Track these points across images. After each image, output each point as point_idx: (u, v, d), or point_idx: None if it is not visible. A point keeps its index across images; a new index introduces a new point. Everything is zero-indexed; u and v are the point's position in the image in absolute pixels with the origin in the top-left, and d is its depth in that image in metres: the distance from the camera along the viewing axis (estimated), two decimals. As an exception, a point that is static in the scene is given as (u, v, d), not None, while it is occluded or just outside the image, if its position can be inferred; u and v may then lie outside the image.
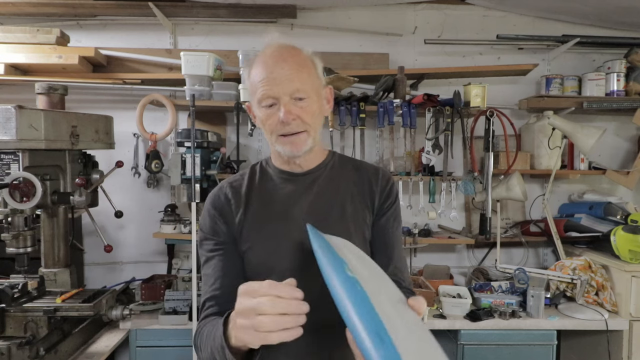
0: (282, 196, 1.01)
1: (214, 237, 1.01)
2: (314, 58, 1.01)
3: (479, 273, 2.53)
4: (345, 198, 1.01)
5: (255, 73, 0.95)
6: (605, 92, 2.56)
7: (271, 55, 0.95)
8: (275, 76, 0.92)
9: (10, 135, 1.67)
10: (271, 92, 0.92)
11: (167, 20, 2.54)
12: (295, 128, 0.94)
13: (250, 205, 1.01)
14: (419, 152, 2.45)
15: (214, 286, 0.97)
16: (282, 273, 0.95)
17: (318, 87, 0.99)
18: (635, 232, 2.12)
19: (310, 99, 0.94)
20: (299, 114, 0.93)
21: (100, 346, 1.87)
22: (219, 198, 1.03)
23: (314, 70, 0.99)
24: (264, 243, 0.98)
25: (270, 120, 0.94)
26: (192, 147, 2.10)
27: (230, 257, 0.99)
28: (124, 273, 2.61)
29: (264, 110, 0.94)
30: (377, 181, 1.04)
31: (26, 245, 1.74)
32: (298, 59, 0.95)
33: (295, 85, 0.92)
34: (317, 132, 0.99)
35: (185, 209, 2.50)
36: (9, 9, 2.38)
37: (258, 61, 0.96)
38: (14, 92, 2.48)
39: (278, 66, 0.92)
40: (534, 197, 2.67)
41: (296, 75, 0.92)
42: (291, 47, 0.99)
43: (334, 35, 2.65)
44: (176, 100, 2.42)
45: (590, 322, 2.08)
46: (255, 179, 1.05)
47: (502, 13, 2.71)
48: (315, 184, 1.02)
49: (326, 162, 1.06)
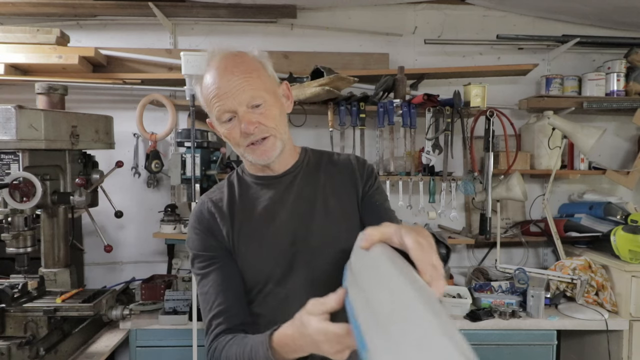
0: (263, 202, 1.00)
1: (205, 252, 0.99)
2: (262, 58, 0.97)
3: (479, 273, 2.53)
4: (327, 191, 1.01)
5: (205, 90, 0.93)
6: (605, 92, 2.56)
7: (217, 67, 0.92)
8: (225, 90, 0.90)
9: (10, 135, 1.67)
10: (226, 106, 0.90)
11: (167, 20, 2.54)
12: (259, 134, 0.92)
13: (236, 218, 0.99)
14: (419, 152, 2.45)
15: (217, 302, 0.95)
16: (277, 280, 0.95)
17: (273, 88, 0.96)
18: (635, 232, 2.12)
19: (267, 102, 0.92)
20: (259, 121, 0.91)
21: (100, 346, 1.87)
22: (202, 214, 1.01)
23: (263, 71, 0.96)
24: (255, 252, 0.97)
25: (233, 133, 0.93)
26: (192, 147, 2.10)
27: (227, 269, 0.97)
28: (124, 273, 2.61)
29: (225, 125, 0.93)
30: (355, 167, 1.05)
31: (26, 245, 1.74)
32: (244, 66, 0.92)
33: (248, 94, 0.90)
34: (283, 133, 0.97)
35: (185, 209, 2.50)
36: (9, 9, 2.38)
37: (206, 77, 0.94)
38: (14, 92, 2.48)
39: (225, 78, 0.90)
40: (534, 197, 2.67)
41: (246, 83, 0.90)
42: (234, 53, 0.95)
43: (334, 35, 2.65)
44: (176, 100, 2.42)
45: (590, 322, 2.08)
46: (235, 191, 1.03)
47: (502, 13, 2.71)
48: (294, 184, 1.01)
49: (300, 160, 1.05)
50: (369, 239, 0.67)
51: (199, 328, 1.98)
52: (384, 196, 1.07)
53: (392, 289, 0.53)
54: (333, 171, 1.05)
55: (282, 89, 1.01)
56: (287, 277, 0.95)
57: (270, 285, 0.96)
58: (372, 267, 0.64)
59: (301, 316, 0.73)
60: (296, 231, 0.97)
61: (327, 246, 0.96)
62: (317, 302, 0.71)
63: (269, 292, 0.96)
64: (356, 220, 1.02)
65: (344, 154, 1.10)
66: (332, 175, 1.04)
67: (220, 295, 0.95)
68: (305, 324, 0.71)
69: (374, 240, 0.67)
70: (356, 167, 1.05)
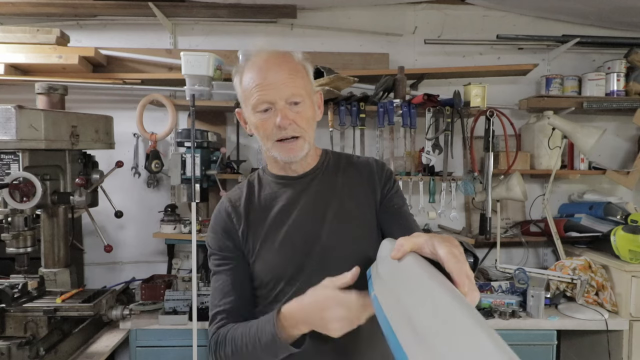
0: (281, 202, 1.02)
1: (220, 252, 1.02)
2: (306, 63, 1.01)
3: (479, 273, 2.53)
4: (344, 193, 1.02)
5: (248, 79, 0.95)
6: (605, 92, 2.56)
7: (266, 60, 0.95)
8: (270, 82, 0.92)
9: (10, 135, 1.67)
10: (267, 97, 0.92)
11: (167, 20, 2.54)
12: (291, 132, 0.94)
13: (251, 217, 1.02)
14: (419, 152, 2.45)
15: (223, 301, 0.99)
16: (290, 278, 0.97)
17: (311, 92, 1.00)
18: (635, 232, 2.12)
19: (304, 103, 0.95)
20: (294, 119, 0.94)
21: (100, 346, 1.87)
22: (220, 215, 1.04)
23: (306, 75, 0.99)
24: (268, 251, 0.99)
25: (265, 125, 0.95)
26: (192, 147, 2.10)
27: (238, 271, 1.01)
28: (124, 273, 2.61)
29: (258, 115, 0.95)
30: (375, 170, 1.07)
31: (26, 245, 1.74)
32: (291, 64, 0.96)
33: (290, 90, 0.93)
34: (312, 137, 1.00)
35: (185, 209, 2.50)
36: (9, 9, 2.38)
37: (251, 67, 0.96)
38: (14, 92, 2.48)
39: (272, 71, 0.93)
40: (534, 197, 2.67)
41: (291, 80, 0.93)
42: (283, 52, 0.99)
43: (334, 35, 2.65)
44: (176, 100, 2.42)
45: (590, 322, 2.08)
46: (254, 190, 1.06)
47: (502, 13, 2.71)
48: (312, 185, 1.03)
49: (321, 162, 1.07)
50: (400, 250, 0.67)
51: (199, 328, 1.98)
52: (402, 200, 1.08)
53: (434, 302, 0.53)
54: (352, 173, 1.07)
55: (317, 98, 1.04)
56: (299, 276, 0.96)
57: (282, 284, 0.97)
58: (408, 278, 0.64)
59: (313, 289, 0.81)
60: (309, 231, 0.98)
61: (341, 246, 0.97)
62: (331, 279, 0.80)
63: (281, 291, 0.98)
64: (373, 222, 1.03)
65: (364, 157, 1.12)
66: (350, 177, 1.06)
67: (228, 295, 0.99)
68: (318, 294, 0.79)
69: (405, 250, 0.67)
70: (375, 170, 1.07)
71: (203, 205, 2.50)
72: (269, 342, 0.84)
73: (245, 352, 0.89)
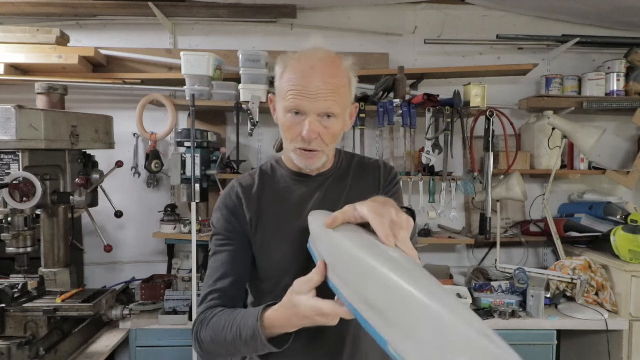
0: (294, 197, 1.03)
1: (225, 232, 1.02)
2: (351, 73, 0.97)
3: (479, 273, 2.53)
4: (353, 193, 1.03)
5: (288, 78, 0.93)
6: (605, 92, 2.56)
7: (312, 67, 0.91)
8: (309, 92, 0.89)
9: (10, 135, 1.67)
10: (300, 105, 0.91)
11: (167, 20, 2.54)
12: (315, 146, 0.94)
13: (263, 207, 1.02)
14: (419, 152, 2.45)
15: (219, 280, 0.98)
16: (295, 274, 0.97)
17: (347, 106, 0.97)
18: (635, 232, 2.12)
19: (336, 118, 0.93)
20: (321, 134, 0.92)
21: (100, 346, 1.87)
22: (230, 197, 1.03)
23: (348, 88, 0.96)
24: (277, 244, 0.99)
25: (292, 129, 0.94)
26: (192, 147, 2.10)
27: (240, 253, 1.00)
28: (124, 273, 2.61)
29: (289, 116, 0.94)
30: (382, 172, 1.09)
31: (26, 245, 1.74)
32: (337, 78, 0.92)
33: (327, 105, 0.91)
34: (332, 150, 1.01)
35: (185, 209, 2.50)
36: (9, 9, 2.38)
37: (295, 68, 0.93)
38: (14, 92, 2.48)
39: (315, 80, 0.89)
40: (534, 197, 2.67)
41: (331, 95, 0.90)
42: (333, 58, 0.95)
43: (334, 35, 2.65)
44: (176, 100, 2.42)
45: (590, 322, 2.08)
46: (268, 180, 1.06)
47: (502, 13, 2.71)
48: (325, 185, 1.04)
49: (335, 163, 1.08)
50: (333, 221, 0.76)
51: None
52: (399, 202, 1.07)
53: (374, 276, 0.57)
54: (361, 174, 1.08)
55: (351, 109, 1.02)
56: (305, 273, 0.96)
57: (287, 279, 0.97)
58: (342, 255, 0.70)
59: (291, 298, 0.80)
60: None
61: None
62: (302, 281, 0.79)
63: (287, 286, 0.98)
64: None
65: (374, 159, 1.14)
66: (360, 178, 1.07)
67: (226, 275, 0.98)
68: (297, 304, 0.78)
69: (337, 222, 0.75)
70: (382, 172, 1.09)
71: (203, 205, 2.50)
72: (249, 337, 0.84)
73: (224, 343, 0.89)
